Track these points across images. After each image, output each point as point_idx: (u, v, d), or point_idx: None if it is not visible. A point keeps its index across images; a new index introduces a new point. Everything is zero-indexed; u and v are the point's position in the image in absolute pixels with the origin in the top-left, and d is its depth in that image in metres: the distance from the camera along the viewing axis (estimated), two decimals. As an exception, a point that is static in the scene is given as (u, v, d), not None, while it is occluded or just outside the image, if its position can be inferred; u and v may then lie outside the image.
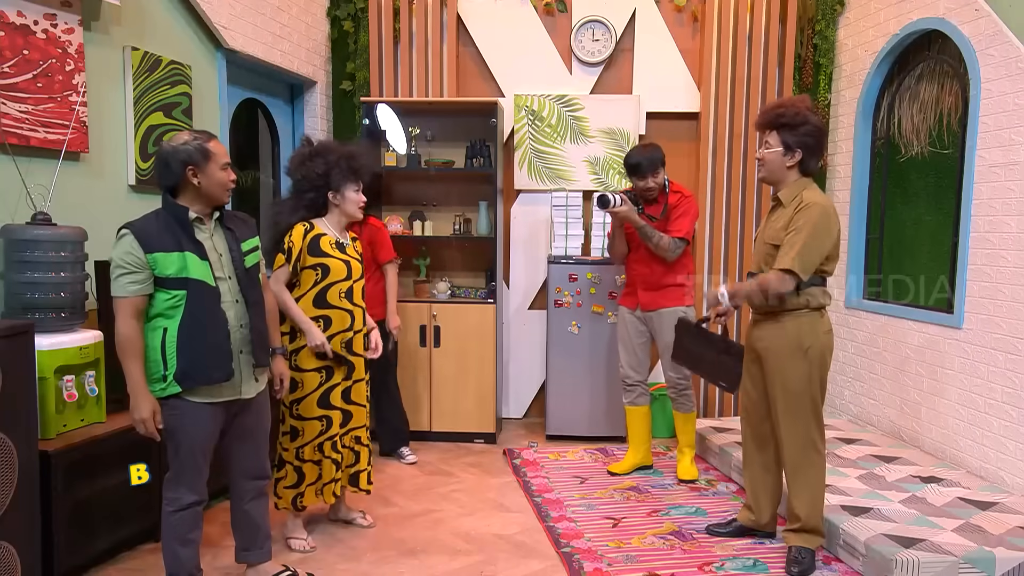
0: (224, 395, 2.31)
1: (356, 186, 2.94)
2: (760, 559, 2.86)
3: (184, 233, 2.23)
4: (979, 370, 3.35)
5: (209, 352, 2.23)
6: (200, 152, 2.25)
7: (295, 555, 2.88)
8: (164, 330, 2.20)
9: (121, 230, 2.18)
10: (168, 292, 2.20)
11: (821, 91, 4.57)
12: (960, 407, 3.48)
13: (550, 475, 3.82)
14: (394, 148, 4.55)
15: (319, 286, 2.87)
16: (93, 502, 2.60)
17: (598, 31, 4.64)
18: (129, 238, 2.16)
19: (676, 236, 3.51)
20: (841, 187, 4.51)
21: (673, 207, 3.57)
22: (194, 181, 2.25)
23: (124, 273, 2.15)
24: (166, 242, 2.19)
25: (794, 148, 2.66)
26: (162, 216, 2.24)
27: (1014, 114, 3.18)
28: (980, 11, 3.35)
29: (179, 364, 2.21)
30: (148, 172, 3.27)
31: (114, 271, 2.15)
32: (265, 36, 4.05)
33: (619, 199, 3.43)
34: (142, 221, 2.22)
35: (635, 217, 3.46)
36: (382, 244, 3.80)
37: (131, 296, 2.15)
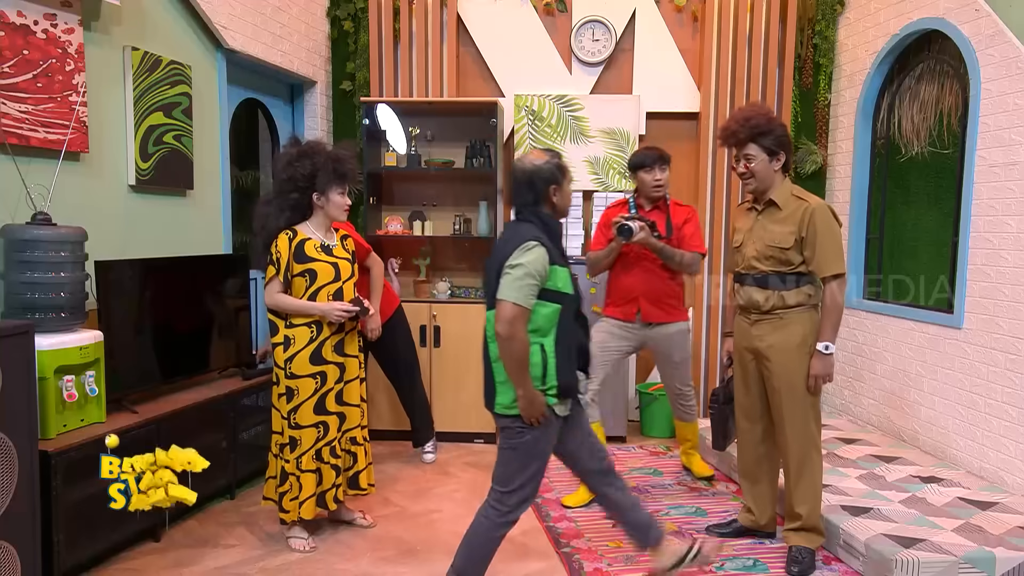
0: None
1: (341, 189, 2.91)
2: (760, 559, 2.86)
3: (557, 247, 2.28)
4: (979, 370, 3.36)
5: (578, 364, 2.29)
6: (560, 171, 2.32)
7: (295, 555, 2.88)
8: (541, 345, 2.22)
9: (530, 241, 2.18)
10: (548, 306, 2.22)
11: (821, 91, 4.57)
12: (960, 407, 3.48)
13: (550, 475, 3.82)
14: (394, 148, 4.55)
15: (309, 291, 2.87)
16: (93, 502, 2.60)
17: (598, 31, 4.65)
18: (542, 250, 2.18)
19: (698, 251, 3.44)
20: (841, 187, 4.51)
21: (686, 221, 3.48)
22: (553, 199, 2.31)
23: (533, 283, 2.16)
24: (554, 255, 2.24)
25: (776, 151, 2.71)
26: (539, 230, 2.27)
27: (1014, 114, 3.18)
28: (980, 11, 3.35)
29: (560, 378, 2.23)
30: (148, 172, 3.27)
31: (522, 279, 2.14)
32: (265, 36, 4.06)
33: (638, 227, 3.30)
34: (537, 232, 2.23)
35: (654, 241, 3.34)
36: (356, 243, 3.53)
37: (528, 307, 2.16)
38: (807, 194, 2.74)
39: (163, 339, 3.25)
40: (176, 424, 3.00)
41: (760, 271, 2.74)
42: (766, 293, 2.73)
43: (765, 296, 2.73)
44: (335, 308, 2.86)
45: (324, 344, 2.88)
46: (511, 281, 2.15)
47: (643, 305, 3.48)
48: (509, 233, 2.28)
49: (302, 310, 2.85)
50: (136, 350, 3.08)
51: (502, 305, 2.14)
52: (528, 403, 2.19)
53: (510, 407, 2.24)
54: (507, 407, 2.25)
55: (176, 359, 3.33)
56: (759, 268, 2.74)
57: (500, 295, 2.15)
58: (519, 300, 2.13)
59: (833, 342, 2.66)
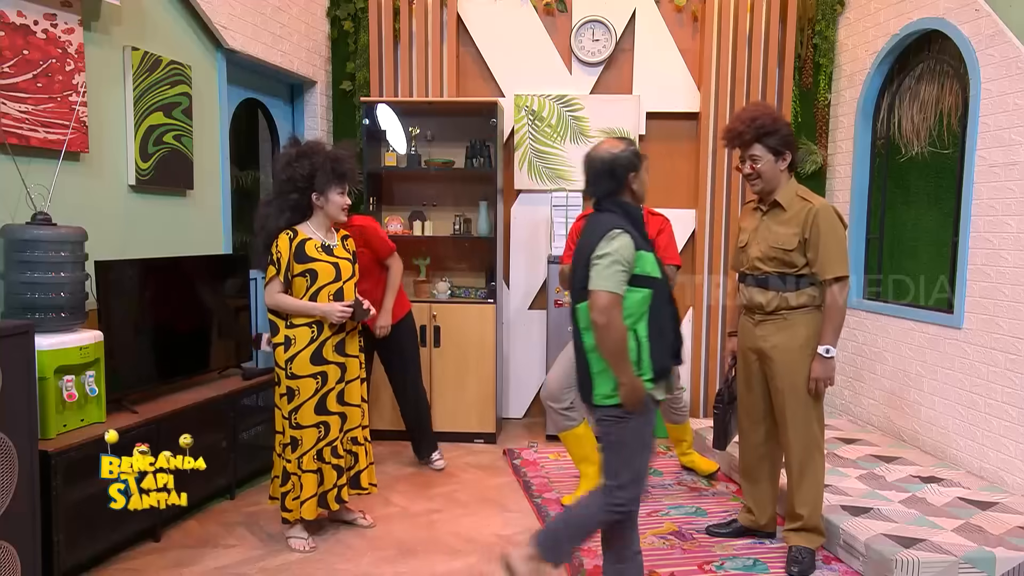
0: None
1: (340, 189, 2.90)
2: (760, 559, 2.86)
3: (640, 233, 2.27)
4: (979, 370, 3.35)
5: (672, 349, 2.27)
6: (638, 157, 2.32)
7: (296, 555, 2.88)
8: (635, 331, 2.20)
9: (614, 230, 2.17)
10: (639, 291, 2.20)
11: (821, 91, 4.57)
12: (960, 407, 3.48)
13: (550, 475, 3.82)
14: (394, 148, 4.55)
15: (310, 291, 2.87)
16: (93, 502, 2.59)
17: (598, 31, 4.64)
18: (627, 236, 2.17)
19: (674, 264, 3.38)
20: (841, 187, 4.51)
21: (660, 232, 3.39)
22: (633, 186, 2.31)
23: (622, 270, 2.14)
24: (639, 241, 2.23)
25: (782, 151, 2.70)
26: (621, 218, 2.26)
27: (1014, 114, 3.18)
28: (980, 11, 3.35)
29: (655, 364, 2.22)
30: (148, 172, 3.27)
31: (611, 266, 2.13)
32: (265, 36, 4.05)
33: None
34: (619, 220, 2.22)
35: None
36: (376, 239, 3.54)
37: (620, 294, 2.16)
38: (812, 195, 2.73)
39: (163, 339, 3.25)
40: (176, 424, 2.99)
41: (763, 272, 2.73)
42: (768, 294, 2.72)
43: (768, 297, 2.72)
44: (336, 309, 2.86)
45: (325, 344, 2.88)
46: (601, 270, 2.14)
47: None
48: (592, 225, 2.27)
49: (303, 310, 2.85)
50: (136, 350, 3.08)
51: (596, 295, 2.13)
52: (630, 390, 2.17)
53: (610, 396, 2.21)
54: (607, 396, 2.22)
55: (176, 359, 3.33)
56: (762, 269, 2.74)
57: (592, 285, 2.15)
58: (611, 287, 2.13)
59: (834, 345, 2.65)
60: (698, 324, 4.73)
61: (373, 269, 3.56)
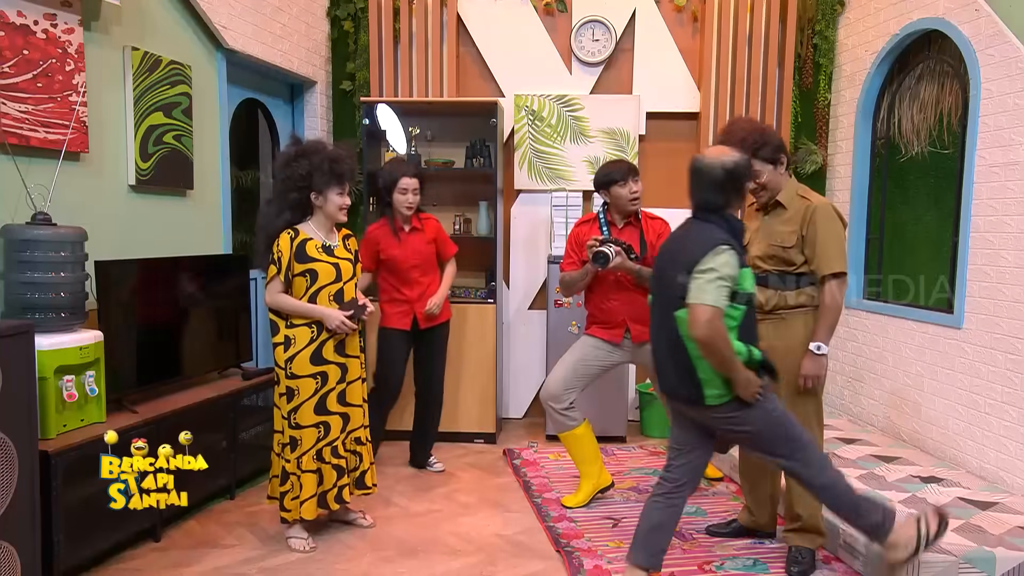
0: None
1: (340, 189, 2.89)
2: (760, 559, 2.86)
3: (741, 247, 2.30)
4: (979, 370, 3.35)
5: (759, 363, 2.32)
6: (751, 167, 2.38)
7: (295, 555, 2.88)
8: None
9: (721, 245, 2.19)
10: (738, 308, 2.23)
11: (821, 91, 4.57)
12: (960, 407, 3.48)
13: (550, 475, 3.82)
14: (394, 148, 4.55)
15: (310, 291, 2.87)
16: (93, 502, 2.59)
17: (598, 31, 4.64)
18: (733, 253, 2.20)
19: None
20: (841, 187, 4.51)
21: (660, 236, 3.35)
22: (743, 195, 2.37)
23: (726, 286, 2.18)
24: (742, 258, 2.26)
25: (777, 157, 2.73)
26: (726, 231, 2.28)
27: (1014, 114, 3.18)
28: (980, 11, 3.35)
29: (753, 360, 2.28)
30: (148, 172, 3.27)
31: (714, 282, 2.16)
32: (265, 36, 4.06)
33: (614, 251, 3.19)
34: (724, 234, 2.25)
35: (631, 265, 3.23)
36: (445, 240, 3.82)
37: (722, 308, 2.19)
38: (811, 193, 2.76)
39: (163, 339, 3.25)
40: (176, 424, 2.98)
41: (763, 270, 2.74)
42: (767, 293, 2.72)
43: (767, 296, 2.72)
44: (337, 316, 2.85)
45: (325, 344, 2.88)
46: (703, 284, 2.16)
47: (632, 327, 3.36)
48: (693, 233, 2.28)
49: (303, 312, 2.85)
50: (136, 350, 3.08)
51: (698, 309, 2.15)
52: (746, 382, 2.23)
53: (723, 395, 2.25)
54: (720, 396, 2.26)
55: (176, 359, 3.33)
56: (762, 267, 2.74)
57: (692, 299, 2.17)
58: (712, 302, 2.16)
59: (827, 343, 2.65)
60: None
61: (432, 263, 3.75)
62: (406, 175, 3.58)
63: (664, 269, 2.35)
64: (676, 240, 2.38)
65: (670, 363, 2.36)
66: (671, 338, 2.31)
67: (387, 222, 3.66)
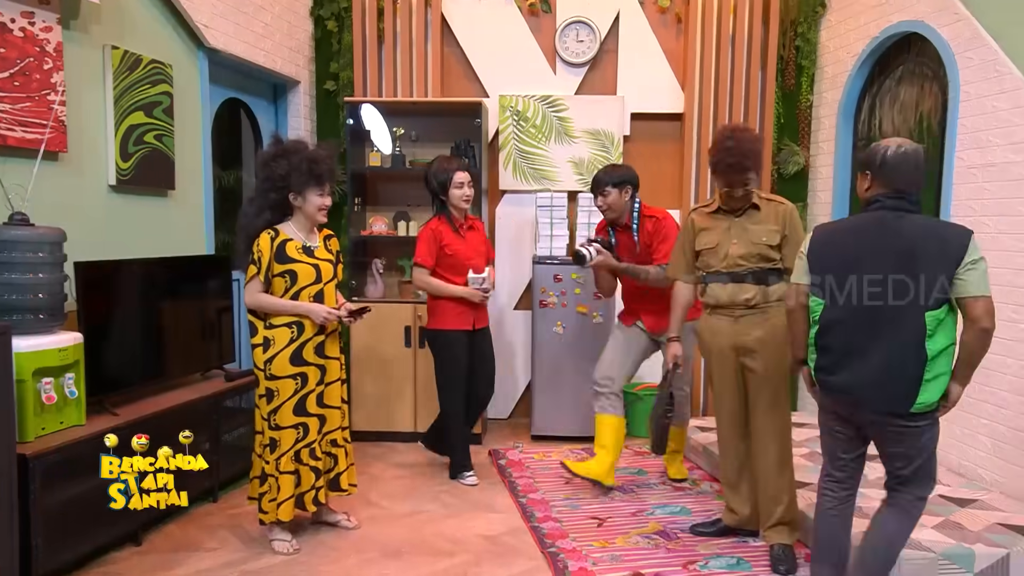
0: None
1: (319, 190, 2.86)
2: (744, 557, 2.88)
3: None
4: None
5: None
6: None
7: (279, 558, 2.86)
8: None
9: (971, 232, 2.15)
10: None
11: (803, 92, 4.61)
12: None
13: (535, 475, 3.82)
14: (378, 148, 4.53)
15: (289, 292, 2.85)
16: (72, 506, 2.57)
17: (582, 32, 4.65)
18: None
19: (664, 263, 3.36)
20: (823, 188, 4.55)
21: (653, 233, 3.46)
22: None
23: None
24: None
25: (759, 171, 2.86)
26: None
27: (991, 116, 3.22)
28: (959, 14, 3.39)
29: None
30: (129, 172, 3.24)
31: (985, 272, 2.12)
32: (247, 35, 4.03)
33: (593, 252, 3.38)
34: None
35: (614, 263, 3.42)
36: (490, 243, 3.86)
37: None
38: (776, 196, 2.94)
39: (144, 341, 3.22)
40: (157, 426, 2.95)
41: (746, 268, 2.81)
42: (752, 290, 2.81)
43: (751, 293, 2.81)
44: (322, 309, 2.84)
45: (305, 345, 2.86)
46: (982, 275, 2.08)
47: (645, 320, 3.54)
48: (920, 226, 2.15)
49: (286, 309, 2.83)
50: (117, 352, 3.05)
51: (988, 302, 2.08)
52: (959, 395, 2.19)
53: (931, 404, 2.13)
54: (928, 405, 2.13)
55: (158, 361, 3.30)
56: (745, 266, 2.81)
57: (978, 291, 2.07)
58: (989, 293, 2.10)
59: None
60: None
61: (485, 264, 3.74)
62: (460, 169, 3.59)
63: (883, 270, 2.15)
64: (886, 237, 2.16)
65: (895, 371, 2.13)
66: (907, 342, 2.11)
67: (445, 219, 3.63)
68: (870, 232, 2.21)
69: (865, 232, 2.22)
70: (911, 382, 2.12)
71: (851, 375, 2.20)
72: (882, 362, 2.14)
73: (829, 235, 2.33)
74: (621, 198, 3.48)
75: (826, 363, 2.28)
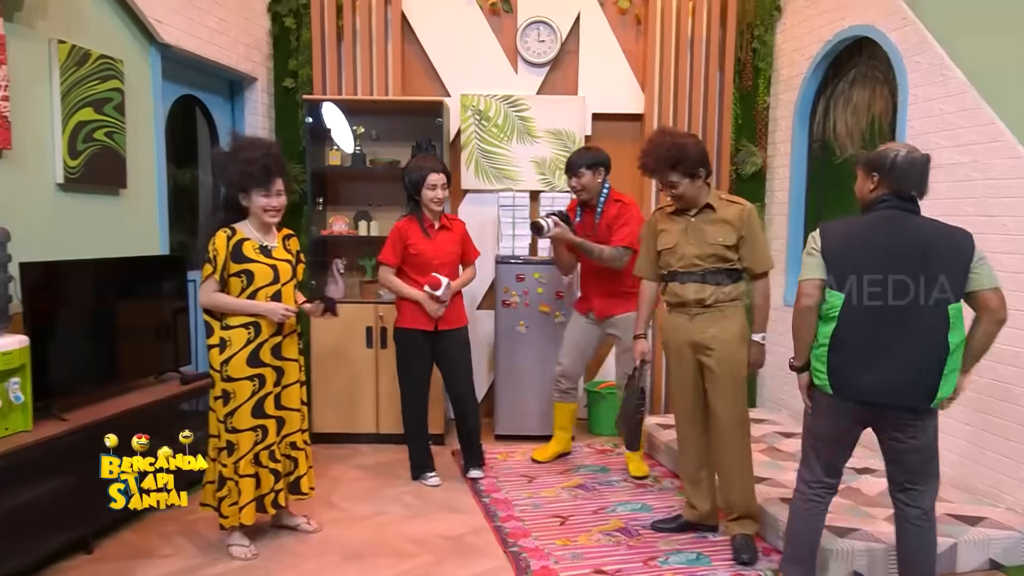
0: None
1: (262, 191, 2.80)
2: (703, 552, 2.92)
3: None
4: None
5: None
6: None
7: (236, 563, 2.81)
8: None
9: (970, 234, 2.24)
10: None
11: (760, 94, 4.69)
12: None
13: (499, 475, 3.82)
14: (339, 147, 4.48)
15: (246, 292, 2.80)
16: (18, 514, 2.48)
17: (543, 32, 4.67)
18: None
19: (620, 245, 3.57)
20: (780, 187, 4.63)
21: (615, 217, 3.64)
22: None
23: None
24: None
25: (694, 171, 2.84)
26: None
27: (938, 119, 3.32)
28: (907, 19, 3.49)
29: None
30: (77, 170, 3.14)
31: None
32: (202, 31, 3.94)
33: (551, 223, 3.52)
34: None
35: (571, 237, 3.55)
36: (470, 243, 3.75)
37: None
38: (735, 197, 2.98)
39: (94, 343, 3.13)
40: (109, 431, 2.88)
41: (702, 268, 2.86)
42: (708, 289, 2.86)
43: (708, 292, 2.86)
44: (279, 308, 2.80)
45: (262, 347, 2.81)
46: (991, 269, 2.22)
47: (595, 304, 3.73)
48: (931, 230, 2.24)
49: (242, 309, 2.78)
50: (65, 355, 2.95)
51: (1000, 292, 2.20)
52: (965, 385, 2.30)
53: (947, 393, 2.23)
54: (945, 396, 2.23)
55: (109, 364, 3.21)
56: (701, 266, 2.86)
57: (992, 284, 2.20)
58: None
59: (766, 332, 2.89)
60: (644, 322, 4.80)
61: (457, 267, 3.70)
62: (434, 171, 3.52)
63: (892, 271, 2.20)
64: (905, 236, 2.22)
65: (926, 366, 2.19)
66: (933, 338, 2.18)
67: (415, 218, 3.59)
68: (889, 231, 2.25)
69: (884, 231, 2.26)
70: (936, 376, 2.19)
71: (880, 374, 2.22)
72: (913, 359, 2.19)
73: (847, 233, 2.31)
74: (595, 179, 3.66)
75: (842, 362, 2.26)
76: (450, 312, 3.61)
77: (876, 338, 2.22)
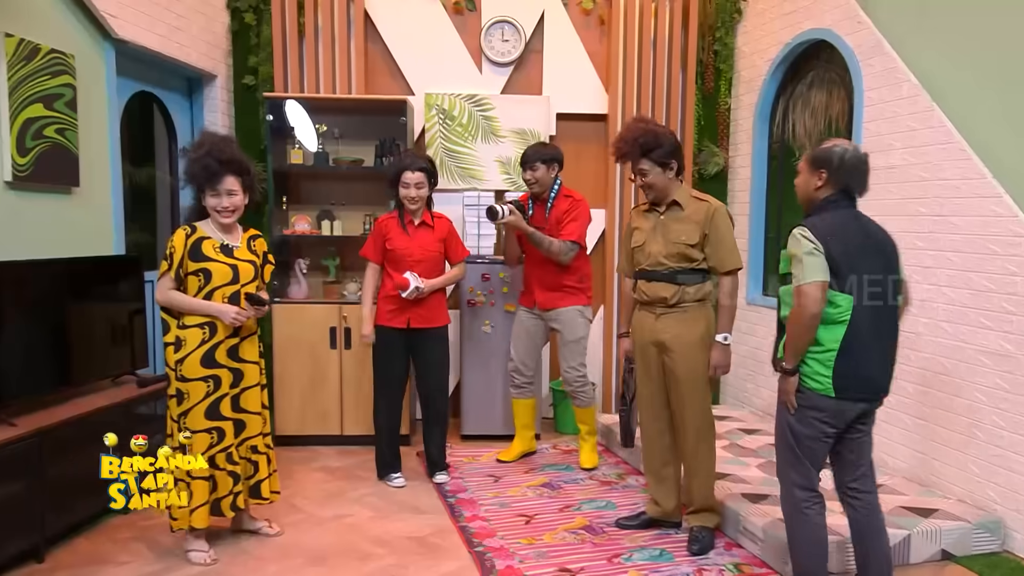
0: None
1: (211, 191, 2.75)
2: (667, 549, 2.94)
3: None
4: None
5: None
6: None
7: (195, 569, 2.75)
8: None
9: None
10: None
11: (722, 95, 4.75)
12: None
13: (464, 475, 3.81)
14: (301, 145, 4.42)
15: (203, 292, 2.75)
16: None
17: (507, 31, 4.67)
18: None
19: (568, 240, 3.63)
20: (741, 188, 4.70)
21: (565, 212, 3.70)
22: None
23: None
24: None
25: (667, 161, 2.85)
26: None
27: (892, 121, 3.40)
28: (862, 23, 3.57)
29: None
30: (27, 168, 3.05)
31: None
32: (159, 27, 3.86)
33: (507, 210, 3.55)
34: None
35: (524, 225, 3.58)
36: (456, 241, 3.68)
37: None
38: (705, 195, 2.94)
39: (47, 346, 3.04)
40: (62, 436, 2.81)
41: (668, 267, 2.87)
42: (672, 288, 2.87)
43: (672, 291, 2.86)
44: (230, 310, 2.75)
45: (217, 348, 2.76)
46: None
47: (537, 295, 3.79)
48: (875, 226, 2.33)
49: (194, 308, 2.73)
50: (13, 359, 2.86)
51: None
52: None
53: None
54: None
55: (62, 367, 3.12)
56: (666, 264, 2.87)
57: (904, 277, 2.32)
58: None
59: (731, 333, 2.86)
60: (608, 321, 4.83)
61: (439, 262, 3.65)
62: (408, 168, 3.47)
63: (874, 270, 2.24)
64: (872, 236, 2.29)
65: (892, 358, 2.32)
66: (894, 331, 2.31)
67: (397, 214, 3.57)
68: (864, 231, 2.28)
69: (861, 230, 2.28)
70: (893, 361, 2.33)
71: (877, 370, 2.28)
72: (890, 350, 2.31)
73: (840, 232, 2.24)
74: (548, 174, 3.74)
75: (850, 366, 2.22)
76: (426, 310, 3.57)
77: (876, 338, 2.25)
